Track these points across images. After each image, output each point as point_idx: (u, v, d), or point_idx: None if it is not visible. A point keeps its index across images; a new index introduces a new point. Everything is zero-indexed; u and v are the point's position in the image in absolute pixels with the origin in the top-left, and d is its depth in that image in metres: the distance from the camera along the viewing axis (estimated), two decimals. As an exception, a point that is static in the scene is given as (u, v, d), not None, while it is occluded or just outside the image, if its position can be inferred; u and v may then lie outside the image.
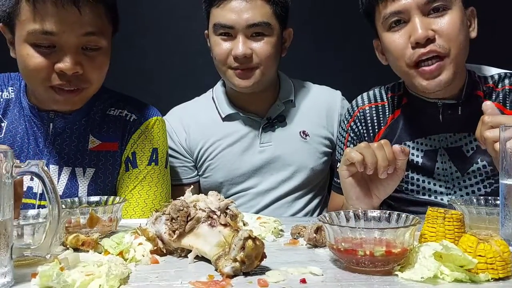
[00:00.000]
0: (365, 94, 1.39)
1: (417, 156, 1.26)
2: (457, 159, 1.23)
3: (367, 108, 1.35)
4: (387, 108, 1.33)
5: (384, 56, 1.27)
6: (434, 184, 1.25)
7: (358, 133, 1.36)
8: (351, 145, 1.35)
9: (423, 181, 1.26)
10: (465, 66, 1.23)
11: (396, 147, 1.03)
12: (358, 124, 1.35)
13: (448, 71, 1.13)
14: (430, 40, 1.11)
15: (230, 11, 1.35)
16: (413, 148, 1.27)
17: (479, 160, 1.21)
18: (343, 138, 1.39)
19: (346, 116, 1.40)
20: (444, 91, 1.18)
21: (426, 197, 1.26)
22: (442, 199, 1.25)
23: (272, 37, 1.38)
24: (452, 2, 1.13)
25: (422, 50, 1.12)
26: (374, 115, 1.34)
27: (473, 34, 1.20)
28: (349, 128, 1.38)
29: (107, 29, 1.17)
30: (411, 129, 1.28)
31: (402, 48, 1.15)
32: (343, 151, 1.24)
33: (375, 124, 1.33)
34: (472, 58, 1.23)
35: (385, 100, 1.34)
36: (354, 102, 1.40)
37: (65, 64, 1.09)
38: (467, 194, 1.22)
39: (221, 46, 1.38)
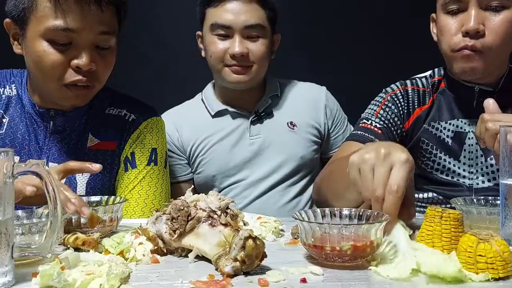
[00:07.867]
0: (412, 79, 1.42)
1: (447, 136, 1.30)
2: None
3: (409, 89, 1.39)
4: (427, 94, 1.38)
5: (435, 33, 1.32)
6: (459, 167, 1.28)
7: (397, 103, 1.37)
8: (386, 108, 1.36)
9: (449, 163, 1.29)
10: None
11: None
12: (400, 97, 1.38)
13: (482, 61, 1.18)
14: (479, 34, 1.17)
15: (227, 12, 1.43)
16: (444, 128, 1.31)
17: None
18: (381, 99, 1.39)
19: (392, 87, 1.41)
20: (481, 78, 1.23)
21: (449, 178, 1.29)
22: (464, 182, 1.27)
23: (266, 39, 1.47)
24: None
25: (467, 42, 1.18)
26: (416, 96, 1.38)
27: None
28: (390, 97, 1.39)
29: (116, 29, 1.20)
30: (444, 110, 1.33)
31: (452, 34, 1.21)
32: (377, 107, 1.35)
33: (415, 103, 1.37)
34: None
35: (428, 87, 1.38)
36: (398, 82, 1.42)
37: (82, 60, 1.11)
38: (489, 180, 1.25)
39: (217, 45, 1.45)
